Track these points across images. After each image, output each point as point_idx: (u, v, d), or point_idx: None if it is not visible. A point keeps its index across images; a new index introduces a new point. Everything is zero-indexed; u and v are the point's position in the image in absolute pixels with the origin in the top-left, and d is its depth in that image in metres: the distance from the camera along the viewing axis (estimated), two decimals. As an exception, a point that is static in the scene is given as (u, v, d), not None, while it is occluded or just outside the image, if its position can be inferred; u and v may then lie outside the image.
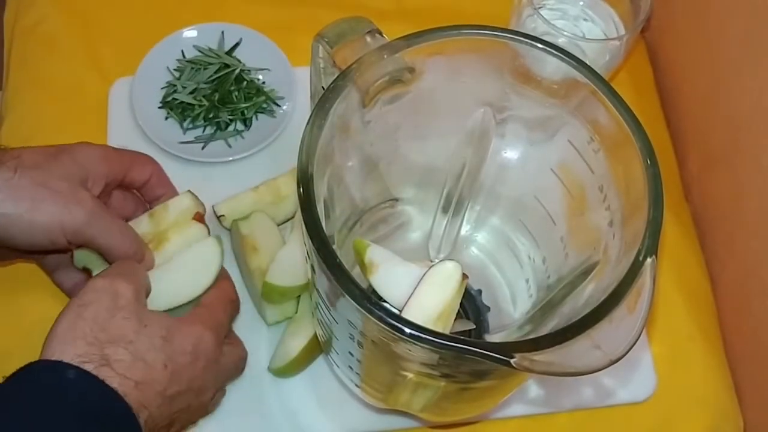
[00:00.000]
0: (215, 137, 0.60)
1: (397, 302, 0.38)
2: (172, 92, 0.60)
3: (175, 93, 0.60)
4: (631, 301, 0.35)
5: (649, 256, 0.36)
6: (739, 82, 0.55)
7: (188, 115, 0.60)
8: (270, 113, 0.61)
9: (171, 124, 0.60)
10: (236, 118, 0.60)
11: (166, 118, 0.60)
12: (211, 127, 0.60)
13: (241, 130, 0.60)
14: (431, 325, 0.37)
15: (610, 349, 0.34)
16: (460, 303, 0.39)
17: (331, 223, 0.43)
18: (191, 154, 0.58)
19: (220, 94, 0.60)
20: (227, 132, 0.60)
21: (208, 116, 0.60)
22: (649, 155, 0.39)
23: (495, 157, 0.49)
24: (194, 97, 0.60)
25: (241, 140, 0.60)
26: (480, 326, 0.51)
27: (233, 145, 0.59)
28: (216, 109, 0.60)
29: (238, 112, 0.60)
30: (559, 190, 0.46)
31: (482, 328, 0.51)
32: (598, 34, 0.59)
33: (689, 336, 0.56)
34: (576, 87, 0.41)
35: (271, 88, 0.61)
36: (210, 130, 0.60)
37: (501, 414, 0.52)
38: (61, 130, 0.58)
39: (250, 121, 0.60)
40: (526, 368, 0.33)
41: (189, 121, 0.60)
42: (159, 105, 0.60)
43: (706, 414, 0.54)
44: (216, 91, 0.60)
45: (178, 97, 0.60)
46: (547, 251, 0.49)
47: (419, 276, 0.38)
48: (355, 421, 0.51)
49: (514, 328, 0.48)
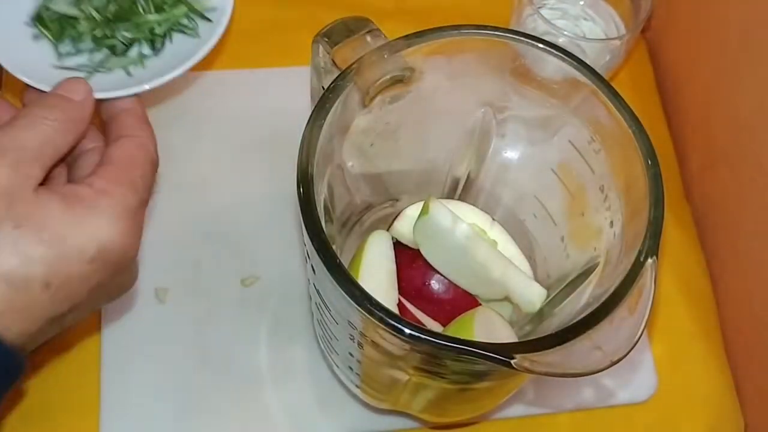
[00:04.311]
0: (106, 66, 0.42)
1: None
2: (47, 1, 0.43)
3: (50, 1, 0.43)
4: (631, 301, 0.35)
5: (650, 257, 0.36)
6: (740, 82, 0.55)
7: (69, 34, 0.43)
8: (191, 32, 0.43)
9: (42, 48, 0.43)
10: (140, 38, 0.43)
11: (34, 38, 0.43)
12: (100, 51, 0.43)
13: (146, 55, 0.43)
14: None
15: (611, 349, 0.34)
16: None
17: (331, 223, 0.43)
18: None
19: (117, 3, 0.43)
20: (125, 58, 0.43)
21: (97, 36, 0.43)
22: (650, 155, 0.38)
23: (495, 157, 0.49)
24: (78, 6, 0.43)
25: (144, 70, 0.42)
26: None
27: (134, 74, 0.42)
28: (110, 26, 0.43)
29: (144, 29, 0.43)
30: (560, 190, 0.46)
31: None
32: (598, 33, 0.59)
33: (690, 336, 0.56)
34: (576, 87, 0.41)
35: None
36: (100, 55, 0.43)
37: (501, 414, 0.52)
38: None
39: (161, 43, 0.43)
40: (527, 369, 0.33)
41: (69, 43, 0.43)
42: (26, 21, 0.43)
43: (706, 414, 0.54)
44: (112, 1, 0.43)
45: (53, 6, 0.43)
46: (548, 251, 0.48)
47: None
48: (355, 421, 0.51)
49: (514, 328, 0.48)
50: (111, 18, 0.43)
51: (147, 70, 0.42)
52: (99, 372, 0.50)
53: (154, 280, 0.53)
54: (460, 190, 0.51)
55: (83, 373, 0.51)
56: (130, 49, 0.43)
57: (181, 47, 0.43)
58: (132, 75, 0.42)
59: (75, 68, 0.42)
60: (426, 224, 0.44)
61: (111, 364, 0.51)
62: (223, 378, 0.51)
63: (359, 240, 0.47)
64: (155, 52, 0.43)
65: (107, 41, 0.43)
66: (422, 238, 0.45)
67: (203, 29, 0.44)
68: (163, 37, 0.44)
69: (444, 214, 0.44)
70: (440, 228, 0.44)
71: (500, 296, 0.46)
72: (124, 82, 0.42)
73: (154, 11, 0.43)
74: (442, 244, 0.44)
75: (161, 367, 0.51)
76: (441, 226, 0.44)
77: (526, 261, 0.49)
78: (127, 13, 0.43)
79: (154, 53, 0.43)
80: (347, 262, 0.46)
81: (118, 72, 0.42)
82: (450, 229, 0.44)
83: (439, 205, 0.44)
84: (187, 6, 0.43)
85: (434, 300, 0.46)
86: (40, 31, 0.43)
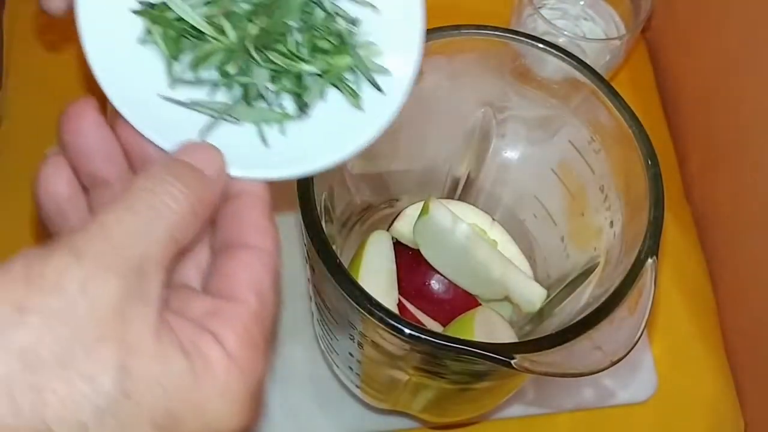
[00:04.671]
0: (233, 113, 0.30)
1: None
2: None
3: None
4: (631, 301, 0.35)
5: (650, 257, 0.36)
6: (741, 82, 0.55)
7: (187, 48, 0.30)
8: (353, 99, 0.31)
9: (150, 58, 0.30)
10: (284, 87, 0.30)
11: (141, 41, 0.30)
12: (230, 87, 0.30)
13: (287, 115, 0.30)
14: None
15: (611, 349, 0.34)
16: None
17: (331, 223, 0.43)
18: (172, 130, 0.29)
19: (267, 25, 0.29)
20: (260, 110, 0.30)
21: (228, 63, 0.29)
22: (650, 155, 0.38)
23: (495, 157, 0.49)
24: (209, 17, 0.29)
25: (281, 137, 0.30)
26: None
27: (269, 139, 0.30)
28: (248, 56, 0.29)
29: (291, 75, 0.30)
30: (560, 190, 0.46)
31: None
32: (598, 33, 0.58)
33: (690, 336, 0.56)
34: (576, 87, 0.41)
35: (370, 42, 0.31)
36: (224, 95, 0.30)
37: (501, 414, 0.52)
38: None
39: (311, 101, 0.30)
40: (527, 369, 0.33)
41: (188, 60, 0.30)
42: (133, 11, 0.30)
43: (706, 414, 0.54)
44: (259, 15, 0.29)
45: (171, 5, 0.29)
46: (548, 251, 0.48)
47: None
48: (355, 422, 0.51)
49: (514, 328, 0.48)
50: (255, 44, 0.29)
51: (287, 138, 0.30)
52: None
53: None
54: (460, 190, 0.51)
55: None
56: (265, 98, 0.30)
57: (335, 112, 0.31)
58: (265, 139, 0.30)
59: (189, 105, 0.29)
60: (426, 224, 0.44)
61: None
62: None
63: (359, 240, 0.47)
64: (300, 112, 0.30)
65: (241, 78, 0.29)
66: (422, 238, 0.45)
67: (368, 98, 0.31)
68: (312, 94, 0.30)
69: (444, 214, 0.44)
70: (440, 228, 0.44)
71: (500, 296, 0.46)
72: (254, 149, 0.30)
73: (308, 51, 0.30)
74: (442, 244, 0.44)
75: (161, 367, 0.51)
76: (441, 226, 0.44)
77: (526, 261, 0.49)
78: (274, 42, 0.29)
79: (299, 113, 0.30)
80: (347, 262, 0.46)
81: (245, 128, 0.30)
82: (450, 229, 0.44)
83: (439, 205, 0.44)
84: (353, 58, 0.30)
85: (434, 300, 0.46)
86: (148, 33, 0.30)
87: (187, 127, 0.29)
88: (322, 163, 0.30)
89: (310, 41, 0.30)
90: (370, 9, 0.31)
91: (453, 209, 0.45)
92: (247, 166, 0.29)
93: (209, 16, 0.29)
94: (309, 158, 0.30)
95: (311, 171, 0.30)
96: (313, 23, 0.30)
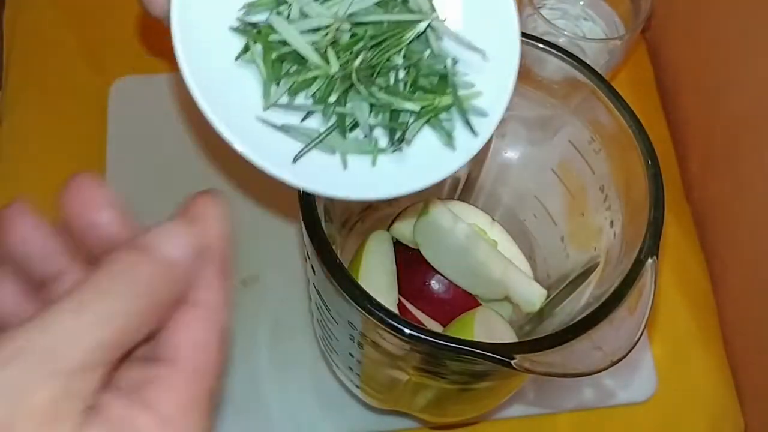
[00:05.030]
0: (327, 143, 0.30)
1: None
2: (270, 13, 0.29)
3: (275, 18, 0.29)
4: (632, 301, 0.35)
5: (650, 257, 0.36)
6: (741, 82, 0.55)
7: (288, 73, 0.29)
8: (445, 135, 0.31)
9: (244, 81, 0.30)
10: (381, 123, 0.30)
11: (236, 59, 0.30)
12: (326, 117, 0.30)
13: (382, 149, 0.30)
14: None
15: (611, 350, 0.34)
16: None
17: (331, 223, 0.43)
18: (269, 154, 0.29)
19: (372, 59, 0.29)
20: (352, 143, 0.30)
21: (329, 92, 0.29)
22: (650, 155, 0.38)
23: (495, 157, 0.49)
24: (314, 44, 0.29)
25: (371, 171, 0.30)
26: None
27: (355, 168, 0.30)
28: (351, 87, 0.29)
29: (389, 112, 0.30)
30: (560, 190, 0.46)
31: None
32: (598, 33, 0.58)
33: (690, 336, 0.56)
34: (576, 87, 0.41)
35: (470, 84, 0.31)
36: (317, 124, 0.30)
37: (501, 414, 0.52)
38: (60, 130, 0.59)
39: (403, 137, 0.30)
40: (527, 369, 0.33)
41: (287, 85, 0.30)
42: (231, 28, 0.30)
43: (706, 414, 0.54)
44: (364, 48, 0.29)
45: (278, 28, 0.29)
46: (548, 251, 0.48)
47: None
48: (355, 422, 0.51)
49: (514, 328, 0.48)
50: (357, 75, 0.28)
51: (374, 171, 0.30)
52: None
53: (154, 280, 0.53)
54: (460, 190, 0.51)
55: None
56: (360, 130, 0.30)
57: (421, 144, 0.31)
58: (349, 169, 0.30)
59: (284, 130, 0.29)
60: (426, 224, 0.44)
61: (111, 364, 0.51)
62: (223, 378, 0.51)
63: (359, 240, 0.47)
64: (392, 148, 0.30)
65: (341, 108, 0.29)
66: (422, 238, 0.45)
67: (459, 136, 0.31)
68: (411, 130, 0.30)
69: (444, 214, 0.44)
70: (440, 228, 0.44)
71: (500, 296, 0.46)
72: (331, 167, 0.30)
73: (412, 89, 0.29)
74: (442, 244, 0.44)
75: (161, 367, 0.51)
76: (441, 226, 0.44)
77: (526, 261, 0.49)
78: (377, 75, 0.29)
79: (393, 148, 0.30)
80: (347, 262, 0.46)
81: (330, 159, 0.30)
82: (450, 229, 0.44)
83: (439, 205, 0.44)
84: (455, 100, 0.30)
85: (434, 300, 0.46)
86: (246, 50, 0.29)
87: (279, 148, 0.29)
88: (399, 191, 0.30)
89: (413, 78, 0.30)
90: (479, 54, 0.31)
91: (453, 209, 0.45)
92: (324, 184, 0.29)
93: (315, 43, 0.29)
94: (384, 185, 0.30)
95: (385, 197, 0.30)
96: (418, 61, 0.30)
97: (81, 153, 0.58)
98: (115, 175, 0.56)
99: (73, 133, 0.58)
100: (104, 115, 0.60)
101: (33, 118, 0.60)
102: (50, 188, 0.63)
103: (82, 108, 0.60)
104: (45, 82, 0.61)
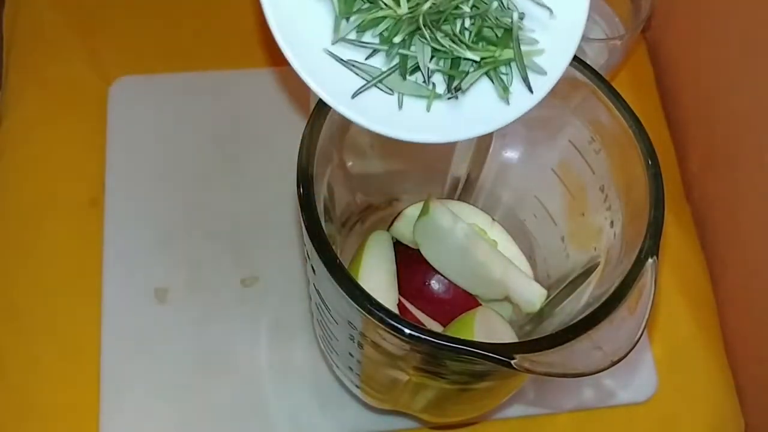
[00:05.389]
0: (386, 83, 0.31)
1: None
2: None
3: None
4: (632, 302, 0.35)
5: (650, 257, 0.36)
6: (741, 82, 0.55)
7: (360, 10, 0.31)
8: (501, 88, 0.32)
9: (317, 14, 0.32)
10: (441, 69, 0.31)
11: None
12: (389, 57, 0.31)
13: (439, 94, 0.32)
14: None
15: (611, 350, 0.34)
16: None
17: (331, 223, 0.43)
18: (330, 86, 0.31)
19: (441, 4, 0.30)
20: (411, 84, 0.31)
21: (395, 33, 0.30)
22: (650, 155, 0.38)
23: (495, 157, 0.49)
24: None
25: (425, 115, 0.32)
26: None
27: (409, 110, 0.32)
28: (417, 30, 0.30)
29: (450, 59, 0.31)
30: (560, 190, 0.46)
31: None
32: (598, 33, 0.58)
33: (690, 336, 0.56)
34: (576, 87, 0.41)
35: (534, 40, 0.32)
36: (380, 62, 0.32)
37: (501, 414, 0.52)
38: (60, 130, 0.58)
39: (460, 85, 0.31)
40: (527, 369, 0.33)
41: (357, 22, 0.31)
42: None
43: (707, 415, 0.54)
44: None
45: None
46: (548, 251, 0.48)
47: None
48: (355, 422, 0.51)
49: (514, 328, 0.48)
50: (425, 20, 0.30)
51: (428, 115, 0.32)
52: (99, 372, 0.50)
53: (154, 280, 0.53)
54: (460, 190, 0.51)
55: (83, 373, 0.51)
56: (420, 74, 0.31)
57: (475, 93, 0.32)
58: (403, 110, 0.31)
59: (348, 64, 0.31)
60: (426, 224, 0.44)
61: (111, 364, 0.51)
62: (223, 378, 0.51)
63: (359, 240, 0.47)
64: (448, 95, 0.31)
65: (404, 50, 0.31)
66: (422, 238, 0.45)
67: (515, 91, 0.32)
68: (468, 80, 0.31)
69: (444, 214, 0.44)
70: (440, 228, 0.44)
71: (500, 296, 0.46)
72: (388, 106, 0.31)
73: (475, 39, 0.30)
74: (442, 244, 0.44)
75: (161, 367, 0.51)
76: (441, 226, 0.44)
77: (526, 261, 0.49)
78: (443, 22, 0.30)
79: (450, 95, 0.31)
80: (347, 262, 0.46)
81: (386, 99, 0.31)
82: (450, 229, 0.44)
83: (439, 205, 0.44)
84: (516, 54, 0.31)
85: (434, 300, 0.46)
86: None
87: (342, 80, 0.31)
88: (448, 137, 0.31)
89: (478, 28, 0.31)
90: (546, 11, 0.32)
91: (453, 209, 0.45)
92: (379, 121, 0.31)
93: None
94: (435, 130, 0.31)
95: (433, 141, 0.31)
96: (485, 11, 0.31)
97: (81, 153, 0.58)
98: (115, 175, 0.56)
99: (73, 133, 0.58)
100: (104, 115, 0.60)
101: (33, 118, 0.60)
102: (50, 188, 0.63)
103: (82, 108, 0.60)
104: (45, 82, 0.61)
